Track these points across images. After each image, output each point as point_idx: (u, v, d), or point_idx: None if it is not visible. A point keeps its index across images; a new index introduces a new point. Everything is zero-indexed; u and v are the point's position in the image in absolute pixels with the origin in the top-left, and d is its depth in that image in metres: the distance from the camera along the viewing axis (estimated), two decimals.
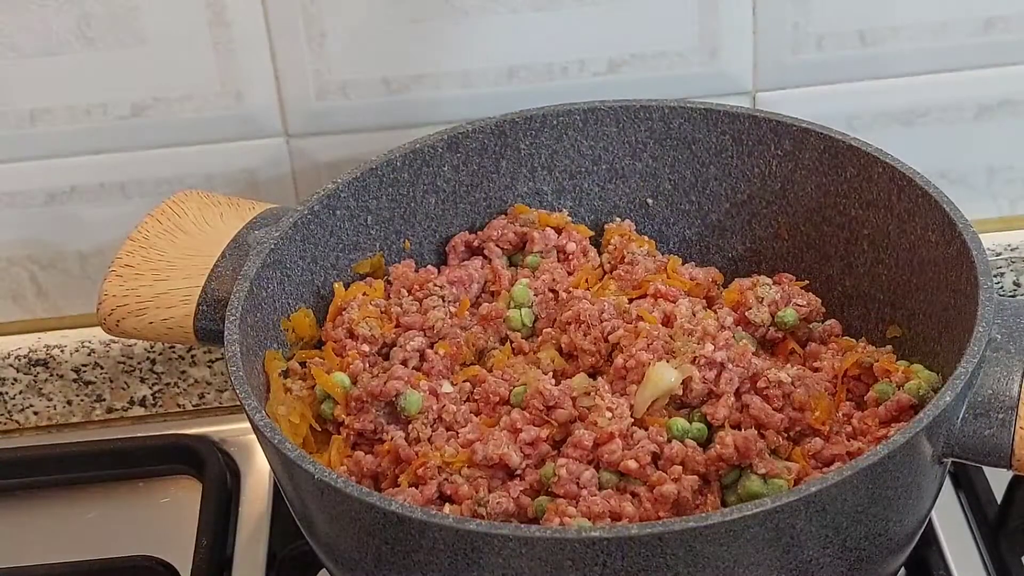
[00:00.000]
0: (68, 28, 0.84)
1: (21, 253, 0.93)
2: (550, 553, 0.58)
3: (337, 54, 0.86)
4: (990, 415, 0.64)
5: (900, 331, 0.77)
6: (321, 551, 0.70)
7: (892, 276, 0.78)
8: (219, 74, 0.87)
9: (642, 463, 0.67)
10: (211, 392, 0.98)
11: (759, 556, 0.60)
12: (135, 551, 0.82)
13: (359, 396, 0.73)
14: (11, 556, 0.84)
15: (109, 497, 0.90)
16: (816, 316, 0.78)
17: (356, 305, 0.78)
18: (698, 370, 0.71)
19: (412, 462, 0.70)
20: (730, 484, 0.68)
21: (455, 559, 0.59)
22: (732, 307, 0.78)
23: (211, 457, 0.89)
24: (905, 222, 0.76)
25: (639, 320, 0.75)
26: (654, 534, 0.57)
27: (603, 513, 0.65)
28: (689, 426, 0.70)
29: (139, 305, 0.76)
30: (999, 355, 0.66)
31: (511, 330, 0.79)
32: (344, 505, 0.62)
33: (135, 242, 0.78)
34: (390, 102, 0.88)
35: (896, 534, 0.66)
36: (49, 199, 0.91)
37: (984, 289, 0.67)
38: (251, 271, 0.73)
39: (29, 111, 0.87)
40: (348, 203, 0.80)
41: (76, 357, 0.95)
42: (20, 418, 0.98)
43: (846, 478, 0.59)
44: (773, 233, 0.84)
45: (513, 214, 0.85)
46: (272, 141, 0.90)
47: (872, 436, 0.70)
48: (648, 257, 0.82)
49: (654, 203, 0.86)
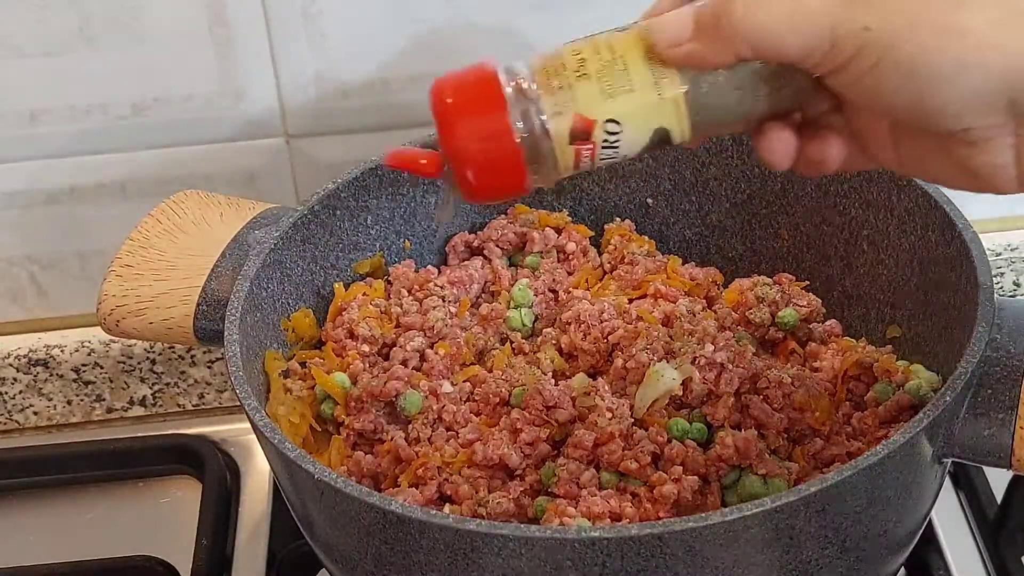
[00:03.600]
0: (68, 28, 0.84)
1: (21, 253, 0.93)
2: (550, 553, 0.58)
3: (337, 54, 0.86)
4: (990, 415, 0.64)
5: (900, 331, 0.77)
6: (321, 551, 0.70)
7: (892, 276, 0.78)
8: (219, 74, 0.87)
9: (642, 463, 0.67)
10: (211, 392, 0.98)
11: (759, 556, 0.60)
12: (135, 551, 0.82)
13: (359, 396, 0.73)
14: (11, 556, 0.84)
15: (109, 497, 0.90)
16: (816, 316, 0.78)
17: (356, 305, 0.78)
18: (698, 370, 0.71)
19: (412, 462, 0.70)
20: (730, 484, 0.68)
21: (455, 559, 0.59)
22: (732, 307, 0.78)
23: (211, 457, 0.89)
24: (905, 222, 0.76)
25: (639, 320, 0.75)
26: (654, 534, 0.57)
27: (603, 513, 0.65)
28: (689, 426, 0.70)
29: (139, 305, 0.76)
30: (999, 355, 0.66)
31: (511, 330, 0.79)
32: (344, 505, 0.62)
33: (135, 242, 0.78)
34: (390, 102, 0.88)
35: (896, 534, 0.66)
36: (49, 199, 0.91)
37: (984, 289, 0.67)
38: (251, 271, 0.73)
39: (29, 111, 0.87)
40: (348, 203, 0.80)
41: (76, 357, 0.95)
42: (20, 418, 0.98)
43: (846, 478, 0.59)
44: (773, 233, 0.84)
45: (513, 214, 0.85)
46: (272, 141, 0.90)
47: (872, 436, 0.70)
48: (648, 257, 0.82)
49: (654, 203, 0.86)
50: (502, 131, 0.56)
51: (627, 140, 0.56)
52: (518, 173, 0.57)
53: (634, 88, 0.55)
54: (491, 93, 0.56)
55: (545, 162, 0.57)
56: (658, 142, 0.56)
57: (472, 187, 0.57)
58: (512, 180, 0.57)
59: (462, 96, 0.56)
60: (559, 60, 0.56)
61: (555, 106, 0.55)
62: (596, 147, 0.56)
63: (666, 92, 0.55)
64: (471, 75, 0.57)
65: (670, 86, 0.55)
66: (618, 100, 0.55)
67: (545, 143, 0.56)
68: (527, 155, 0.56)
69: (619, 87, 0.55)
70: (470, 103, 0.56)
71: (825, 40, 0.52)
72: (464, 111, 0.56)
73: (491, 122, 0.56)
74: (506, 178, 0.57)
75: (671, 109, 0.56)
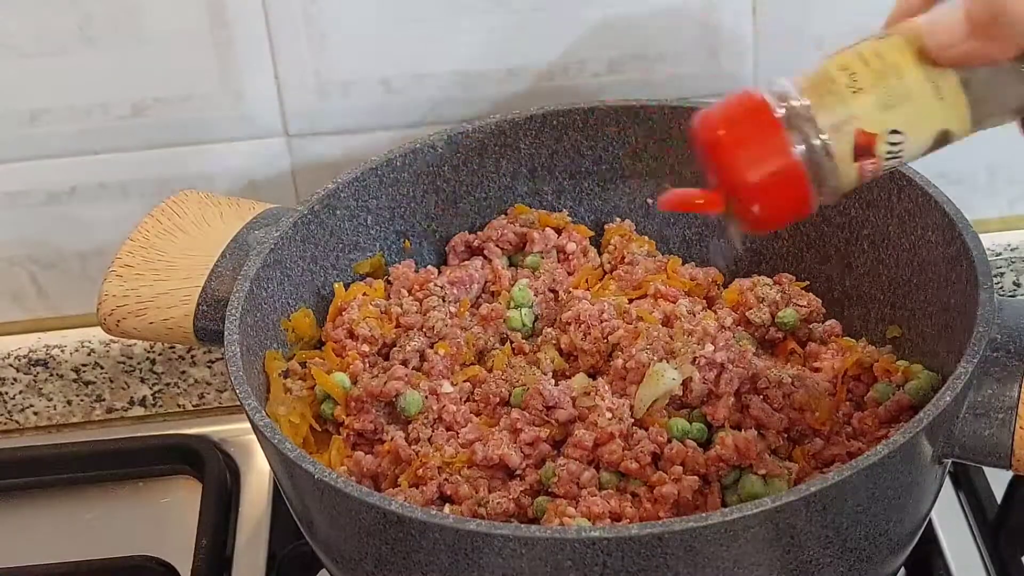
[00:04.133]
0: (68, 28, 0.84)
1: (21, 253, 0.93)
2: (550, 553, 0.58)
3: (337, 54, 0.86)
4: (990, 415, 0.64)
5: (900, 331, 0.77)
6: (321, 551, 0.70)
7: (892, 276, 0.78)
8: (219, 74, 0.87)
9: (642, 463, 0.67)
10: (211, 392, 0.98)
11: (759, 556, 0.60)
12: (135, 551, 0.82)
13: (359, 396, 0.73)
14: (11, 556, 0.84)
15: (109, 497, 0.90)
16: (816, 316, 0.78)
17: (356, 305, 0.78)
18: (698, 371, 0.71)
19: (412, 462, 0.70)
20: (730, 484, 0.68)
21: (455, 559, 0.59)
22: (732, 307, 0.78)
23: (211, 457, 0.89)
24: (905, 222, 0.76)
25: (639, 320, 0.75)
26: (654, 534, 0.57)
27: (603, 513, 0.65)
28: (689, 426, 0.70)
29: (139, 305, 0.76)
30: (999, 355, 0.66)
31: (511, 330, 0.79)
32: (344, 505, 0.62)
33: (135, 242, 0.78)
34: (390, 102, 0.88)
35: (896, 534, 0.66)
36: (49, 199, 0.91)
37: (984, 289, 0.67)
38: (251, 271, 0.73)
39: (29, 111, 0.87)
40: (348, 203, 0.80)
41: (76, 357, 0.95)
42: (20, 418, 0.97)
43: (846, 478, 0.59)
44: (773, 233, 0.84)
45: (513, 214, 0.85)
46: (272, 141, 0.90)
47: (872, 436, 0.70)
48: (648, 257, 0.82)
49: (654, 203, 0.86)
50: (783, 157, 0.54)
51: (910, 147, 0.55)
52: (803, 196, 0.55)
53: (912, 95, 0.54)
54: (764, 119, 0.55)
55: (828, 181, 0.55)
56: (940, 142, 0.56)
57: (758, 217, 0.56)
58: (797, 204, 0.56)
59: (735, 127, 0.55)
60: (827, 75, 0.55)
61: (833, 124, 0.54)
62: (880, 159, 0.55)
63: (946, 94, 0.54)
64: (737, 104, 0.55)
65: (948, 88, 0.54)
66: (898, 110, 0.54)
67: (827, 163, 0.55)
68: (810, 177, 0.55)
69: (897, 96, 0.54)
70: (745, 133, 0.55)
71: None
72: (740, 142, 0.55)
73: (770, 150, 0.54)
74: (792, 203, 0.56)
75: (951, 110, 0.55)
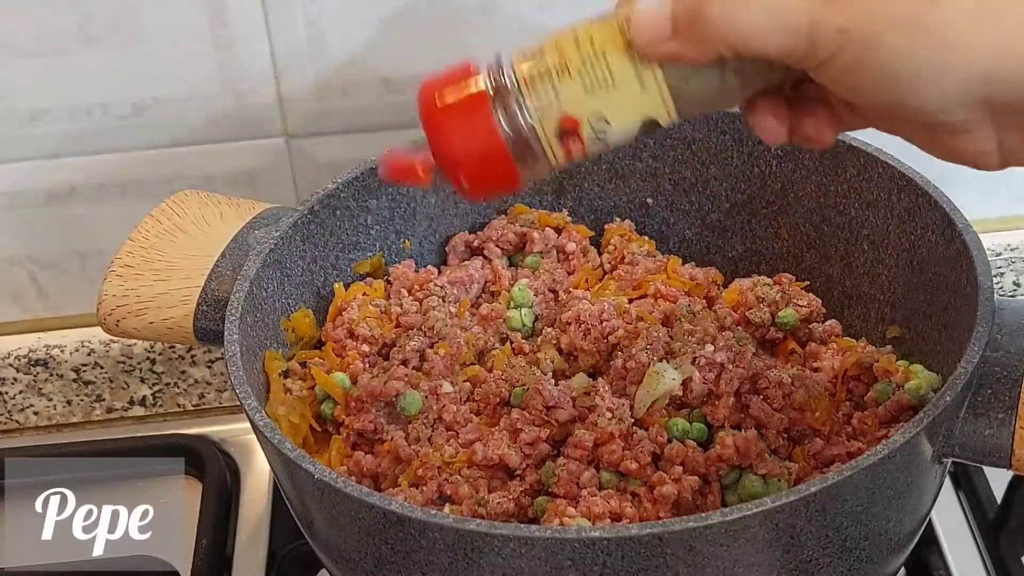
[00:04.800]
0: (68, 28, 0.84)
1: (21, 253, 0.93)
2: (550, 553, 0.58)
3: (337, 54, 0.86)
4: (990, 415, 0.64)
5: (900, 331, 0.77)
6: (321, 551, 0.70)
7: (892, 276, 0.78)
8: (219, 74, 0.87)
9: (642, 463, 0.67)
10: (211, 392, 0.98)
11: (759, 556, 0.60)
12: (134, 551, 0.82)
13: (359, 396, 0.73)
14: (11, 556, 0.84)
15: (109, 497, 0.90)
16: (816, 316, 0.78)
17: (356, 305, 0.78)
18: (698, 370, 0.71)
19: (412, 462, 0.70)
20: (730, 484, 0.68)
21: (455, 559, 0.59)
22: (732, 307, 0.78)
23: (211, 457, 0.89)
24: (905, 222, 0.76)
25: (639, 320, 0.75)
26: (654, 534, 0.57)
27: (603, 513, 0.65)
28: (689, 426, 0.70)
29: (139, 305, 0.76)
30: (999, 355, 0.66)
31: (511, 330, 0.79)
32: (344, 505, 0.62)
33: (135, 242, 0.78)
34: (390, 102, 0.88)
35: (896, 534, 0.66)
36: (49, 199, 0.91)
37: (984, 289, 0.67)
38: (251, 271, 0.73)
39: (29, 111, 0.87)
40: (348, 203, 0.80)
41: (76, 357, 0.95)
42: (20, 418, 0.98)
43: (846, 478, 0.59)
44: (773, 233, 0.84)
45: (513, 214, 0.85)
46: (272, 141, 0.90)
47: (872, 436, 0.70)
48: (648, 257, 0.82)
49: (654, 203, 0.86)
50: (486, 134, 0.56)
51: (615, 132, 0.56)
52: (509, 172, 0.57)
53: (616, 83, 0.55)
54: (474, 95, 0.56)
55: (536, 158, 0.57)
56: (647, 129, 0.57)
57: (464, 187, 0.57)
58: (503, 179, 0.57)
59: (446, 98, 0.56)
60: (541, 56, 0.56)
61: (540, 104, 0.55)
62: (585, 142, 0.56)
63: (648, 86, 0.55)
64: (454, 76, 0.57)
65: (651, 80, 0.55)
66: (601, 96, 0.55)
67: (534, 141, 0.56)
68: (516, 153, 0.56)
69: (601, 83, 0.55)
70: (454, 106, 0.56)
71: (804, 39, 0.51)
72: (448, 115, 0.56)
73: (476, 125, 0.56)
74: (497, 177, 0.57)
75: (655, 99, 0.55)
